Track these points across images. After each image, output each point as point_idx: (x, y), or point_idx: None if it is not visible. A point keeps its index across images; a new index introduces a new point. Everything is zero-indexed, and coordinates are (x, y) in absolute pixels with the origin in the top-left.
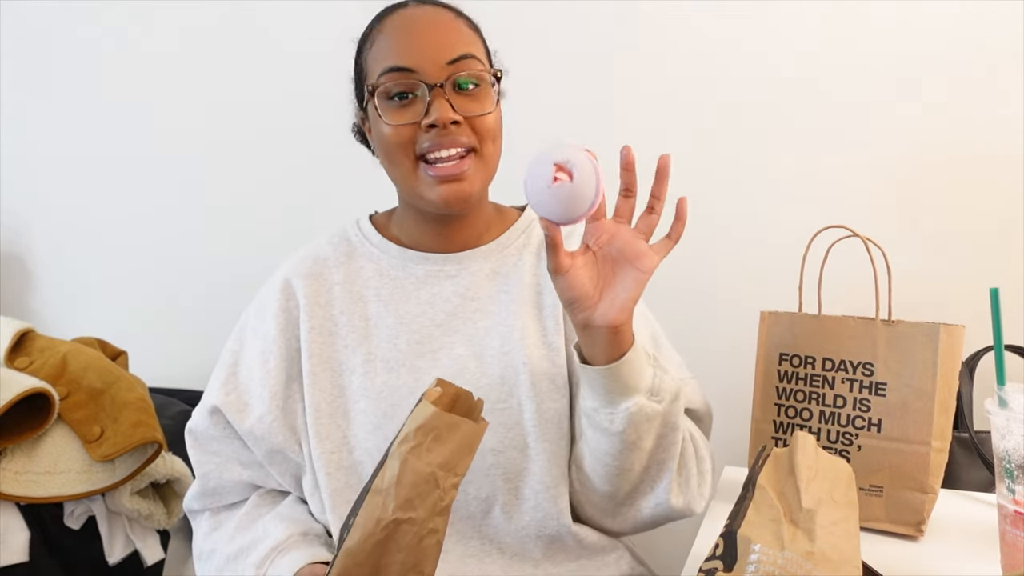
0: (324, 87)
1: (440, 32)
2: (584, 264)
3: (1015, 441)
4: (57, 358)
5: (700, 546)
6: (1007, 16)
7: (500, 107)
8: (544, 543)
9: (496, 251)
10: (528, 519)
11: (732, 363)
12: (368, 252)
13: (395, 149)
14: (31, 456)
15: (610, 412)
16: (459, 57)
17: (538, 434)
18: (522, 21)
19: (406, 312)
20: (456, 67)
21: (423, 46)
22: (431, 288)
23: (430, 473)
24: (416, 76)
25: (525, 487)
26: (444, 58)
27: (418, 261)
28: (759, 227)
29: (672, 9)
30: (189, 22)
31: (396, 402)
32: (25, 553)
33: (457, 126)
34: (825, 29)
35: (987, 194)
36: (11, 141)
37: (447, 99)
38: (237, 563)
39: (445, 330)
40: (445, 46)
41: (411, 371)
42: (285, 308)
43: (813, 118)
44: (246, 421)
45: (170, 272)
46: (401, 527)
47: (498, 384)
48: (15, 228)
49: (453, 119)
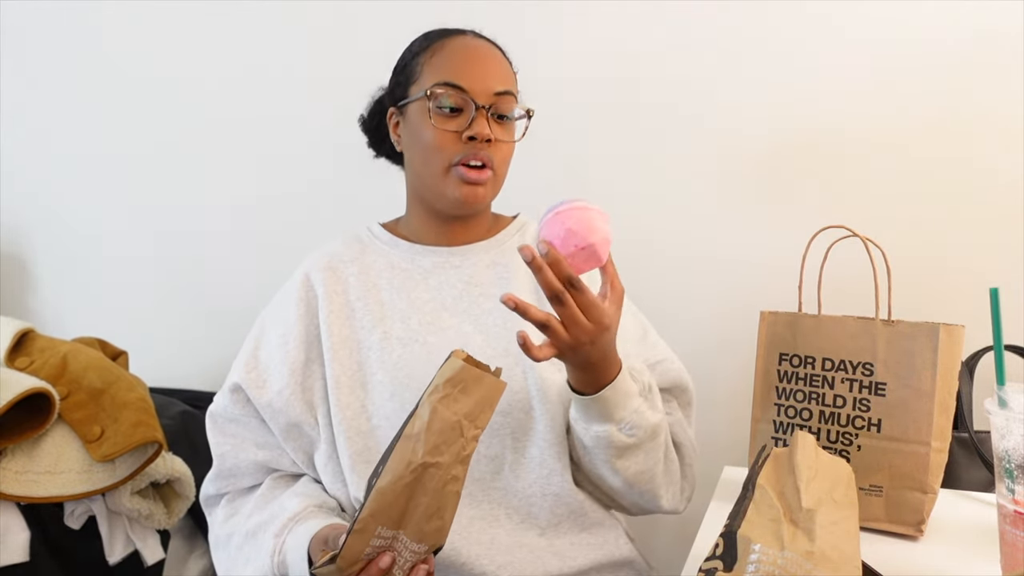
0: (326, 90)
1: (493, 65)
2: (562, 329)
3: (1015, 441)
4: (57, 358)
5: (700, 546)
6: (1007, 15)
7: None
8: (549, 504)
9: (494, 245)
10: (534, 476)
11: (731, 363)
12: (379, 248)
13: (433, 150)
14: (31, 456)
15: (584, 427)
16: (504, 91)
17: (541, 397)
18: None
19: (416, 297)
20: (500, 98)
21: (479, 72)
22: (438, 277)
23: (456, 421)
24: (467, 95)
25: (531, 446)
26: (493, 88)
27: (425, 254)
28: (759, 226)
29: (675, 8)
30: (190, 22)
31: (410, 372)
32: (25, 553)
33: (489, 144)
34: (822, 27)
35: (987, 194)
36: (11, 141)
37: (488, 119)
38: (256, 538)
39: (452, 312)
40: (495, 78)
41: (423, 346)
42: (304, 299)
43: (813, 118)
44: (265, 395)
45: (170, 272)
46: (428, 471)
47: (503, 355)
48: (15, 228)
49: (489, 136)
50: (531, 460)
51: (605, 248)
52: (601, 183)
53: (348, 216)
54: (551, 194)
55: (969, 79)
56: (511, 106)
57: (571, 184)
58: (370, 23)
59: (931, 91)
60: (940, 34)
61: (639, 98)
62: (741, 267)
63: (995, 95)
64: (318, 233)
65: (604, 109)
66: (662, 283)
